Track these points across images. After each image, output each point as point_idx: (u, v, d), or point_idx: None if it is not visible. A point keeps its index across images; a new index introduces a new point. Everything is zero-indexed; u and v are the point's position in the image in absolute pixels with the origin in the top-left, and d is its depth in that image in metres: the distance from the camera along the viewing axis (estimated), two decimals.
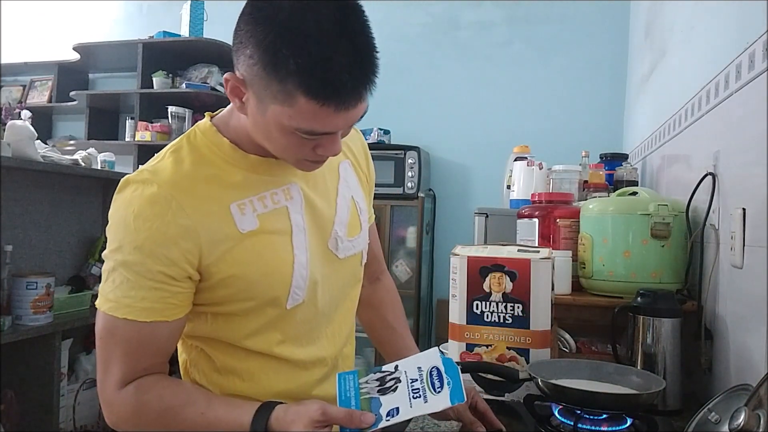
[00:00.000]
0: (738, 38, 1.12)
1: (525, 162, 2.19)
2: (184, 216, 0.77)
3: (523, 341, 1.16)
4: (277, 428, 0.74)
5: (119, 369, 0.78)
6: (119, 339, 0.78)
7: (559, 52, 3.33)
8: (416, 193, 3.13)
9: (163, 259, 0.76)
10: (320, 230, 0.89)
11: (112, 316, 0.77)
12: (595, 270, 1.44)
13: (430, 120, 3.51)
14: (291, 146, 0.77)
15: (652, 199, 1.39)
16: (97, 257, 2.42)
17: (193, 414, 0.78)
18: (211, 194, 0.80)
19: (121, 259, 0.76)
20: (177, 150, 0.83)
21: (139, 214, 0.76)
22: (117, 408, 0.79)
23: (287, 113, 0.72)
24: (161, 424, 0.79)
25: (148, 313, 0.77)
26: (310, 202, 0.88)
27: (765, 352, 0.92)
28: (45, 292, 1.95)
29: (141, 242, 0.76)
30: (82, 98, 3.82)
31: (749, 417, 0.66)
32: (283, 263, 0.84)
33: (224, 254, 0.79)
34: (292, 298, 0.85)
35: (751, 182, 1.03)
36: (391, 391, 0.78)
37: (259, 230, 0.82)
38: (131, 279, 0.76)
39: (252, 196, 0.83)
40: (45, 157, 2.09)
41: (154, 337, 0.79)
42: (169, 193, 0.77)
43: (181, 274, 0.78)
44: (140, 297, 0.76)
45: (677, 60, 1.77)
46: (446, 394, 0.77)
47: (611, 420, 0.98)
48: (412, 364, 0.82)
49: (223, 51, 3.59)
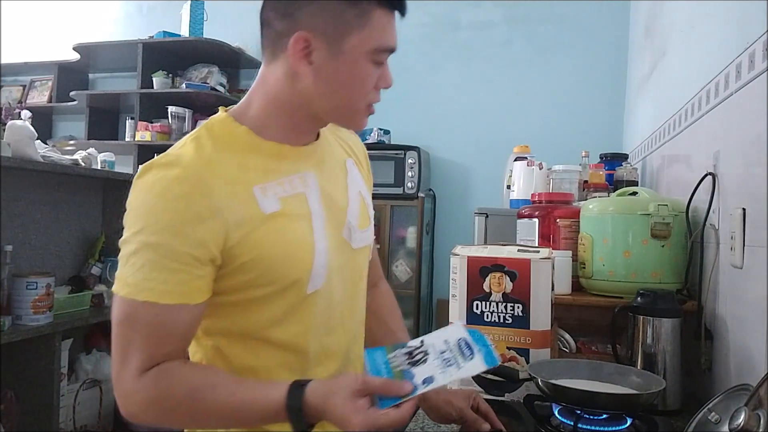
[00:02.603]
0: (738, 38, 1.12)
1: (525, 162, 2.20)
2: (210, 196, 0.77)
3: (523, 341, 1.16)
4: (314, 402, 0.73)
5: (140, 355, 0.76)
6: (140, 324, 0.76)
7: (559, 52, 3.33)
8: (416, 193, 3.13)
9: (190, 239, 0.75)
10: (335, 219, 0.89)
11: (132, 300, 0.75)
12: (595, 270, 1.44)
13: (430, 120, 3.51)
14: (366, 78, 0.82)
15: (652, 199, 1.40)
16: (97, 257, 2.42)
17: (223, 394, 0.76)
18: (235, 176, 0.80)
19: (145, 240, 0.75)
20: (197, 138, 0.84)
21: (165, 194, 0.76)
22: (138, 396, 0.76)
23: (365, 35, 0.79)
24: (188, 407, 0.76)
25: (171, 296, 0.75)
26: (324, 190, 0.89)
27: (765, 352, 0.92)
28: (45, 292, 1.95)
29: (167, 222, 0.75)
30: (82, 98, 3.82)
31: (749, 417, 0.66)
32: (304, 246, 0.84)
33: (248, 236, 0.79)
34: (312, 283, 0.84)
35: (751, 182, 1.03)
36: (422, 363, 0.77)
37: (280, 213, 0.82)
38: (154, 260, 0.74)
39: (272, 181, 0.83)
40: (45, 157, 2.09)
41: (176, 321, 0.77)
42: (194, 174, 0.77)
43: (205, 256, 0.76)
44: (162, 279, 0.75)
45: (677, 60, 1.77)
46: (479, 359, 0.77)
47: (611, 420, 0.98)
48: (437, 338, 0.83)
49: (223, 51, 3.60)
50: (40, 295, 1.93)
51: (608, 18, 3.24)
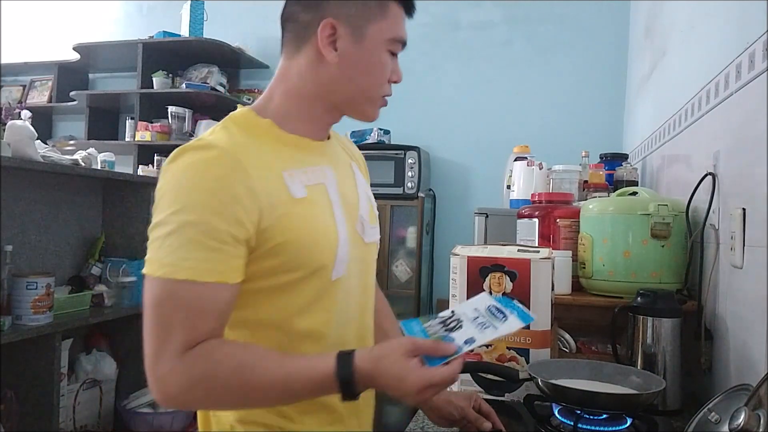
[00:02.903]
0: (738, 38, 1.12)
1: (525, 162, 2.20)
2: (246, 177, 0.78)
3: (523, 341, 1.16)
4: (364, 367, 0.74)
5: (181, 335, 0.74)
6: (180, 303, 0.75)
7: (559, 52, 3.32)
8: (416, 193, 3.13)
9: (229, 218, 0.76)
10: (349, 212, 0.92)
11: (170, 280, 0.74)
12: (595, 270, 1.44)
13: (430, 120, 3.51)
14: (384, 66, 0.89)
15: (652, 199, 1.40)
16: (97, 257, 2.42)
17: (271, 367, 0.76)
18: (266, 161, 0.83)
19: (185, 219, 0.75)
20: (225, 126, 0.86)
21: (203, 174, 0.77)
22: (180, 377, 0.74)
23: (384, 25, 0.87)
24: (237, 383, 0.75)
25: (211, 274, 0.75)
26: (339, 184, 0.92)
27: (765, 352, 0.92)
28: (45, 292, 1.95)
29: (206, 201, 0.76)
30: (82, 98, 3.81)
31: (749, 417, 0.66)
32: (329, 232, 0.86)
33: (279, 219, 0.80)
34: (336, 270, 0.86)
35: (751, 182, 1.03)
36: (458, 329, 0.80)
37: (307, 199, 0.84)
38: (194, 239, 0.74)
39: (298, 168, 0.86)
40: (45, 157, 2.09)
41: (216, 300, 0.77)
42: (230, 155, 0.79)
43: (242, 236, 0.77)
44: (203, 258, 0.75)
45: (677, 60, 1.77)
46: (515, 318, 0.81)
47: (611, 420, 0.98)
48: (467, 307, 0.86)
49: (223, 51, 3.59)
50: (40, 295, 1.93)
51: (608, 18, 3.24)
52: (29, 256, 2.18)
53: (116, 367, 2.36)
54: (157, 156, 3.56)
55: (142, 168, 3.48)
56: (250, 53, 3.71)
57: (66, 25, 4.29)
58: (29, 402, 1.97)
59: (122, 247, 2.47)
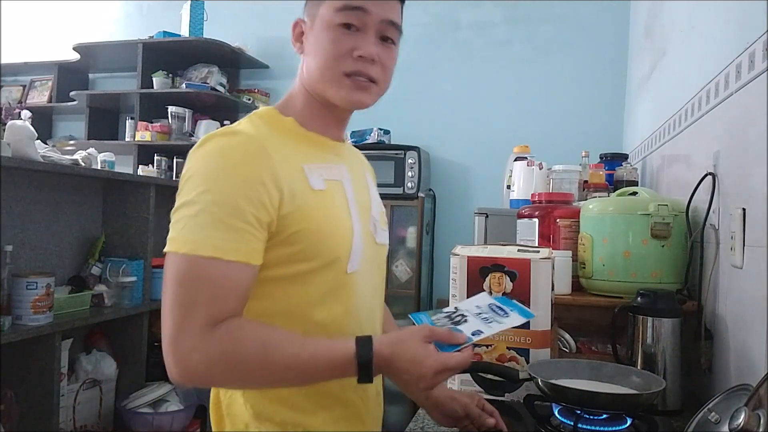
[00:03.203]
0: (738, 38, 1.12)
1: (525, 162, 2.20)
2: (271, 163, 0.81)
3: (523, 341, 1.16)
4: (382, 351, 0.77)
5: (205, 312, 0.75)
6: (205, 280, 0.76)
7: (559, 52, 3.32)
8: (416, 193, 3.13)
9: (253, 200, 0.78)
10: (363, 211, 0.94)
11: (195, 257, 0.75)
12: (595, 270, 1.44)
13: (430, 120, 3.51)
14: (334, 40, 0.87)
15: (652, 199, 1.40)
16: (97, 257, 2.42)
17: (294, 346, 0.77)
18: (288, 153, 0.85)
19: (211, 199, 0.77)
20: (251, 120, 0.89)
21: (230, 158, 0.79)
22: (204, 353, 0.75)
23: (331, 3, 0.87)
24: (261, 361, 0.76)
25: (236, 253, 0.76)
26: (354, 184, 0.95)
27: (765, 352, 0.92)
28: (45, 292, 1.94)
29: (232, 183, 0.78)
30: (82, 98, 3.81)
31: (749, 417, 0.66)
32: (345, 225, 0.89)
33: (299, 207, 0.82)
34: (351, 262, 0.88)
35: (751, 182, 1.03)
36: (463, 323, 0.86)
37: (325, 192, 0.87)
38: (220, 218, 0.76)
39: (317, 163, 0.89)
40: (45, 157, 2.09)
41: (239, 279, 0.78)
42: (256, 142, 0.82)
43: (265, 218, 0.79)
44: (229, 237, 0.76)
45: (677, 60, 1.77)
46: (516, 314, 0.87)
47: (611, 420, 0.98)
48: (469, 304, 0.91)
49: (223, 51, 3.59)
50: (40, 295, 1.93)
51: (608, 18, 3.24)
52: (29, 256, 2.18)
53: (116, 367, 2.35)
54: (157, 156, 3.56)
55: (142, 168, 3.48)
56: (250, 53, 3.71)
57: (66, 25, 4.29)
58: (29, 402, 1.97)
59: (122, 247, 2.47)
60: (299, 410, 0.86)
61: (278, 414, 0.86)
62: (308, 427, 0.86)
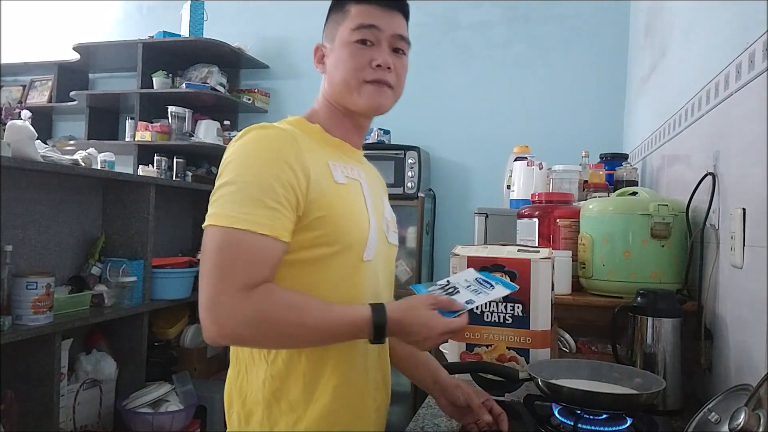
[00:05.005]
0: (738, 38, 1.12)
1: (525, 162, 2.20)
2: (300, 153, 0.91)
3: (523, 341, 1.16)
4: (395, 316, 0.88)
5: (243, 275, 0.83)
6: (241, 249, 0.84)
7: (559, 52, 3.32)
8: (416, 193, 3.13)
9: (285, 183, 0.87)
10: (377, 212, 1.03)
11: (232, 229, 0.84)
12: (595, 270, 1.44)
13: (430, 120, 3.50)
14: (351, 55, 0.98)
15: (652, 199, 1.40)
16: (97, 257, 2.42)
17: (321, 310, 0.87)
18: (315, 149, 0.96)
19: (247, 180, 0.87)
20: (280, 123, 0.98)
21: (266, 146, 0.90)
22: (241, 313, 0.82)
23: (347, 24, 0.99)
24: (292, 321, 0.85)
25: (268, 228, 0.85)
26: (370, 188, 1.04)
27: (765, 352, 0.92)
28: (45, 292, 1.94)
29: (267, 167, 0.87)
30: (82, 98, 3.81)
31: (749, 417, 0.66)
32: (363, 217, 0.98)
33: (322, 196, 0.91)
34: (368, 250, 0.96)
35: (751, 182, 1.03)
36: (456, 293, 0.97)
37: (346, 186, 0.97)
38: (255, 197, 0.85)
39: (340, 162, 1.00)
40: (45, 157, 2.09)
41: (270, 251, 0.86)
42: (288, 135, 0.92)
43: (294, 200, 0.88)
44: (262, 214, 0.85)
45: (677, 60, 1.77)
46: (500, 286, 0.98)
47: (611, 420, 0.98)
48: (459, 278, 1.03)
49: (223, 51, 3.59)
50: (40, 295, 1.93)
51: (608, 18, 3.24)
52: (29, 256, 2.18)
53: (116, 367, 2.35)
54: (157, 156, 3.55)
55: (142, 168, 3.48)
56: (250, 53, 3.71)
57: (66, 25, 4.29)
58: (29, 402, 1.97)
59: (122, 247, 2.47)
60: (313, 383, 0.94)
61: (291, 393, 0.93)
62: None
